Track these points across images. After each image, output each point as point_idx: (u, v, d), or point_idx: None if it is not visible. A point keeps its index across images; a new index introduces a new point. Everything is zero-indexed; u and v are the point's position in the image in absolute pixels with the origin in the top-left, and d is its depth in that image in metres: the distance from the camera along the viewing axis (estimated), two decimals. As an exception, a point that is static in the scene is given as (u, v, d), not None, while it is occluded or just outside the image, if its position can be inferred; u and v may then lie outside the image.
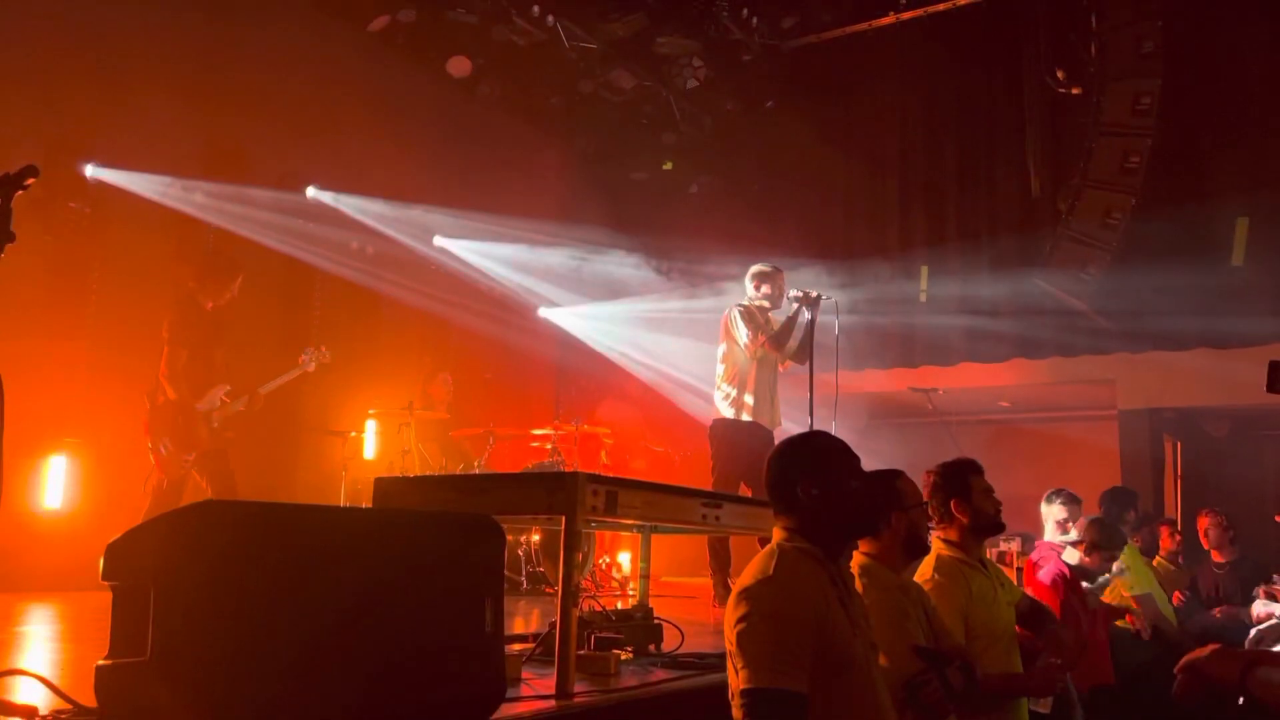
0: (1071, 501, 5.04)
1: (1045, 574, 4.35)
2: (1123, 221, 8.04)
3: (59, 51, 6.24)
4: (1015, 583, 3.97)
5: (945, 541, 3.28)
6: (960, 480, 3.29)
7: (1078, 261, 8.23)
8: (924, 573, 3.17)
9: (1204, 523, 6.44)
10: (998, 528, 3.33)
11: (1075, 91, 8.66)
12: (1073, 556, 4.58)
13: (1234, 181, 8.07)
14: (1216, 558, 6.37)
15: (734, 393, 5.79)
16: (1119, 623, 4.99)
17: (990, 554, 4.59)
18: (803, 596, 2.15)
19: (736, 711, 2.13)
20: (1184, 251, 7.72)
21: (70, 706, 2.13)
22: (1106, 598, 4.95)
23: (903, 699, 2.53)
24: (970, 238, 9.51)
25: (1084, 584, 4.51)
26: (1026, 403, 10.42)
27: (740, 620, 2.11)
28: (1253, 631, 5.26)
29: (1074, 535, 4.74)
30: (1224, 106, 8.38)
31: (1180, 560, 6.63)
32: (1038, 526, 5.30)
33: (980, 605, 3.15)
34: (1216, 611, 5.87)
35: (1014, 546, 5.81)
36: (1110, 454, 8.94)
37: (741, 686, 2.07)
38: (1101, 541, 4.53)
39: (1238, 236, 7.81)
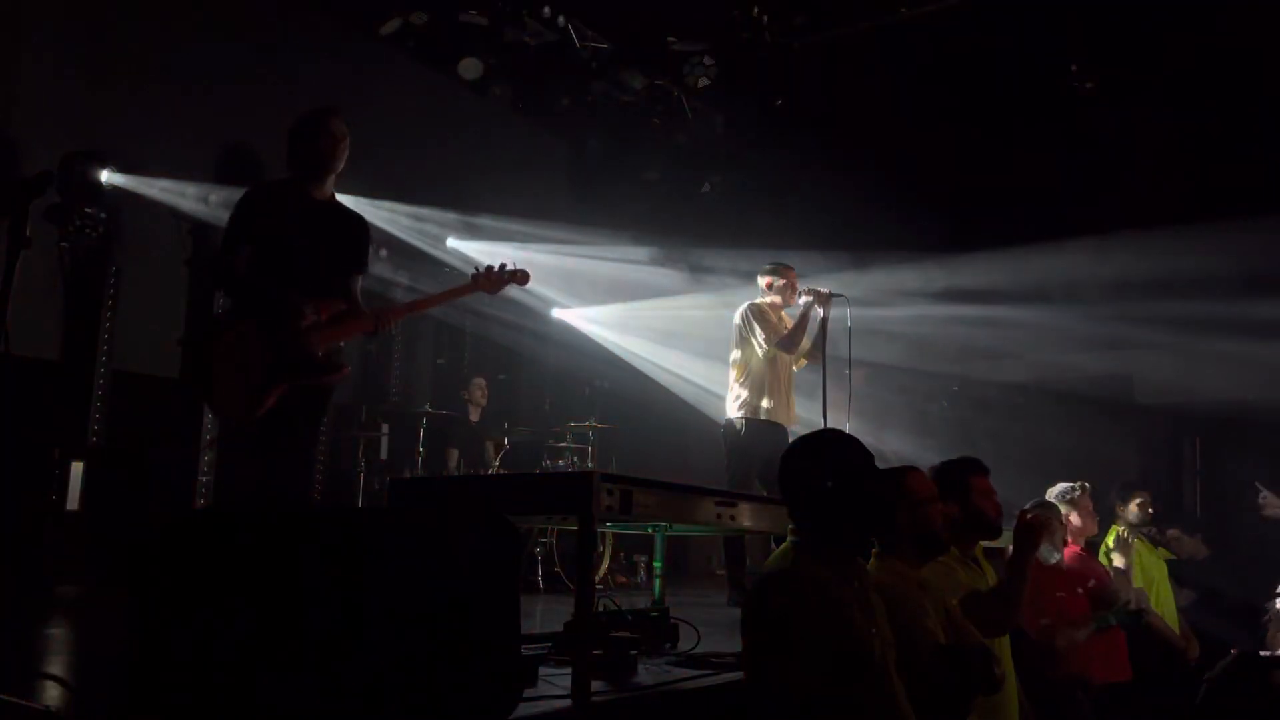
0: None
1: None
2: (1140, 213, 8.00)
3: (74, 58, 6.28)
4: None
5: None
6: (958, 479, 3.24)
7: (1096, 253, 8.20)
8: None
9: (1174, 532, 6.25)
10: (994, 531, 3.26)
11: (1090, 85, 8.62)
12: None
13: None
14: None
15: (747, 391, 5.78)
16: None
17: None
18: (820, 594, 2.14)
19: (755, 709, 2.12)
20: (1197, 243, 7.68)
21: (88, 707, 2.14)
22: None
23: (921, 695, 2.51)
24: (986, 231, 9.48)
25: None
26: (1043, 399, 10.37)
27: (759, 618, 2.11)
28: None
29: None
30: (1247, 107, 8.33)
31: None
32: None
33: None
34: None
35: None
36: (1128, 451, 8.90)
37: (761, 684, 2.07)
38: None
39: None
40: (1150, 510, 5.49)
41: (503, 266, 4.22)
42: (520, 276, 4.25)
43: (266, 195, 3.86)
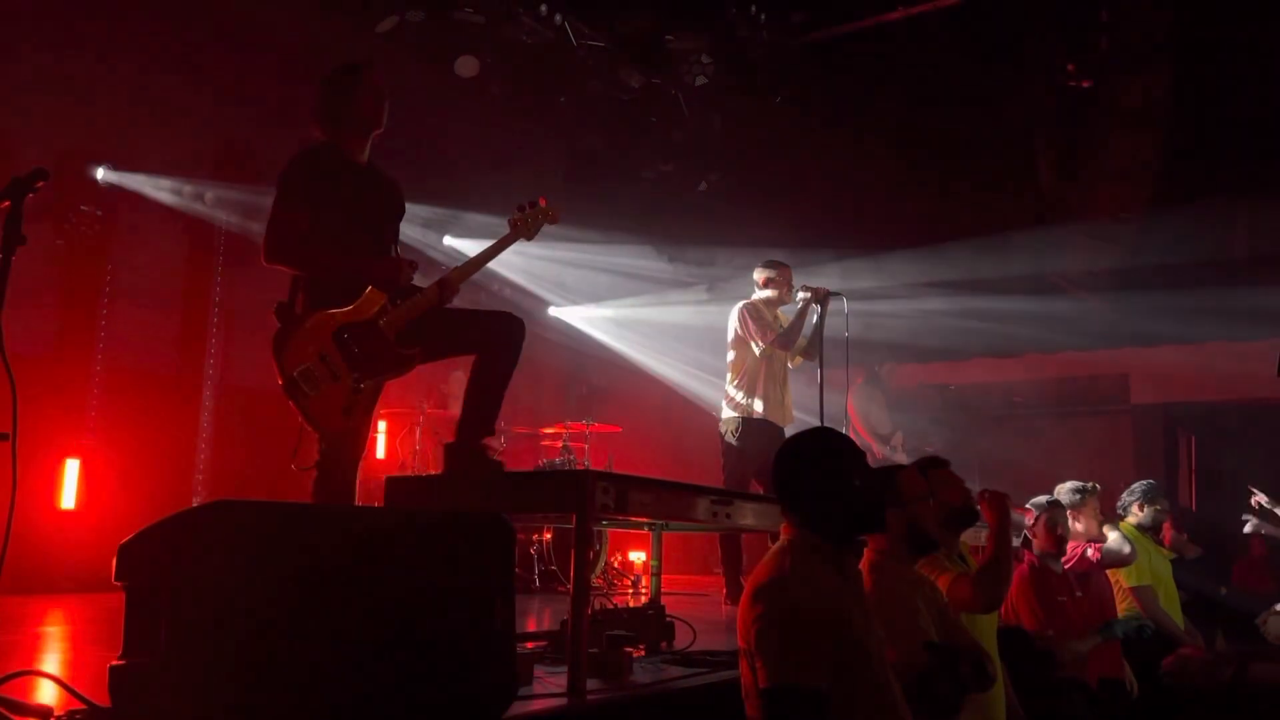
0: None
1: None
2: (1136, 215, 8.00)
3: (69, 55, 6.27)
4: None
5: None
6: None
7: (1090, 255, 8.21)
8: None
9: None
10: (967, 515, 3.27)
11: (1085, 84, 8.63)
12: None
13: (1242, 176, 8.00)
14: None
15: (743, 390, 5.78)
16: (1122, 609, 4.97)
17: None
18: (819, 593, 2.14)
19: (752, 710, 2.12)
20: (1198, 244, 7.69)
21: (85, 707, 2.14)
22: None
23: (914, 693, 2.52)
24: (983, 232, 9.49)
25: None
26: (1039, 397, 10.39)
27: (758, 619, 2.11)
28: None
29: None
30: (1237, 98, 8.32)
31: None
32: None
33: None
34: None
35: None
36: (1124, 449, 8.91)
37: (761, 685, 2.07)
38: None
39: None
40: (1163, 522, 5.50)
41: (534, 203, 3.82)
42: (553, 215, 3.88)
43: (315, 161, 3.46)
